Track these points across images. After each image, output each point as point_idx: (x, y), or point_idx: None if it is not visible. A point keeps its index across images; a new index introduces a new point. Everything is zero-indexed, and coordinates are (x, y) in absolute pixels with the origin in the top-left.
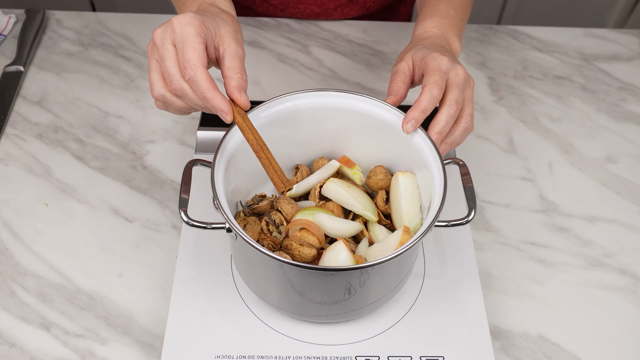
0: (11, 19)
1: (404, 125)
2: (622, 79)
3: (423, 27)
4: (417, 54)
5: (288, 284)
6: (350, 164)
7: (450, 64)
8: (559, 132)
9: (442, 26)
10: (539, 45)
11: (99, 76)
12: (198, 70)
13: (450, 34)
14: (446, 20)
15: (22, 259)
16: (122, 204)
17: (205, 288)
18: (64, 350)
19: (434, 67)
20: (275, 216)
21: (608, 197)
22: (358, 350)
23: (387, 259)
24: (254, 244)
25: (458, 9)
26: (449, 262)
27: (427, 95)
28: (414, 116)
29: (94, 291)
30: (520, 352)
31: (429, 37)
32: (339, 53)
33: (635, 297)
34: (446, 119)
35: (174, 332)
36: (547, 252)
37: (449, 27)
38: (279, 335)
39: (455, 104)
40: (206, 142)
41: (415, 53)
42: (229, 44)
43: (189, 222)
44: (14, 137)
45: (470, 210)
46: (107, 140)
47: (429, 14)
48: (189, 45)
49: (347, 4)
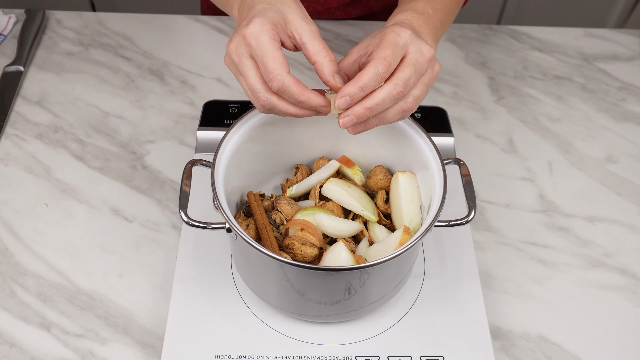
0: (11, 19)
1: (336, 99)
2: (622, 79)
3: (394, 20)
4: (375, 36)
5: (288, 284)
6: (350, 164)
7: (411, 37)
8: (559, 132)
9: (415, 21)
10: (539, 45)
11: (99, 76)
12: (285, 79)
13: (424, 30)
14: (421, 16)
15: (22, 259)
16: (122, 204)
17: (205, 288)
18: (64, 350)
19: (389, 40)
20: (276, 216)
21: (608, 197)
22: (358, 350)
23: (387, 259)
24: (254, 244)
25: (438, 8)
26: (449, 262)
27: (371, 71)
28: (349, 92)
29: (94, 291)
30: (520, 352)
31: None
32: (339, 53)
33: (635, 297)
34: (384, 96)
35: (174, 332)
36: (547, 252)
37: (424, 23)
38: (279, 335)
39: (403, 84)
40: (206, 142)
41: (376, 32)
42: (302, 27)
43: (189, 222)
44: (14, 137)
45: (470, 210)
46: (107, 140)
47: (403, 8)
48: (269, 56)
49: (351, 4)
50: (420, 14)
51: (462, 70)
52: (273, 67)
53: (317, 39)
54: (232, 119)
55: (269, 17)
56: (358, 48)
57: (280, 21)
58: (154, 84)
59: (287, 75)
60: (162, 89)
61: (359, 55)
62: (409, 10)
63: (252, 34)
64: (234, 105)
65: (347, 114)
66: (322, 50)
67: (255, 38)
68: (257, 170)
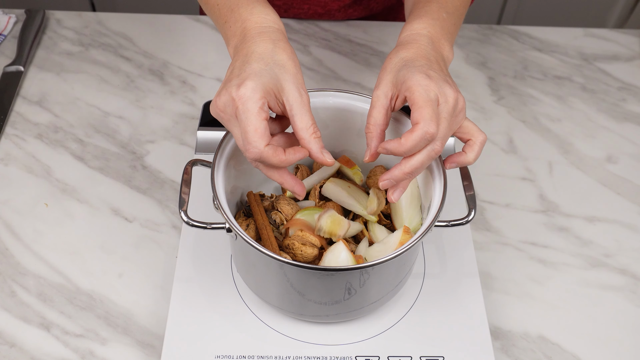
0: (11, 19)
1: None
2: (622, 79)
3: (410, 29)
4: (397, 76)
5: (288, 284)
6: (350, 164)
7: (437, 86)
8: (559, 132)
9: (432, 28)
10: (539, 45)
11: (99, 76)
12: (262, 153)
13: (441, 37)
14: (437, 22)
15: (22, 259)
16: (122, 204)
17: (205, 288)
18: (64, 350)
19: (421, 97)
20: (276, 216)
21: (608, 197)
22: (358, 350)
23: (387, 259)
24: (255, 244)
25: (451, 12)
26: (449, 262)
27: (417, 136)
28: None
29: (94, 291)
30: (520, 352)
31: (412, 42)
32: (339, 53)
33: (635, 297)
34: (422, 160)
35: (174, 332)
36: (547, 252)
37: (440, 29)
38: (279, 335)
39: (440, 145)
40: (206, 142)
41: (396, 75)
42: (294, 98)
43: (189, 222)
44: (14, 137)
45: (470, 210)
46: (107, 140)
47: (419, 14)
48: (251, 127)
49: (351, 5)
50: (436, 19)
51: (462, 70)
52: (253, 139)
53: (306, 113)
54: None
55: (263, 83)
56: (383, 93)
57: (273, 87)
58: (154, 84)
59: (264, 149)
60: (162, 89)
61: (387, 100)
62: (424, 16)
63: (241, 98)
64: None
65: (386, 178)
66: (310, 127)
67: (243, 103)
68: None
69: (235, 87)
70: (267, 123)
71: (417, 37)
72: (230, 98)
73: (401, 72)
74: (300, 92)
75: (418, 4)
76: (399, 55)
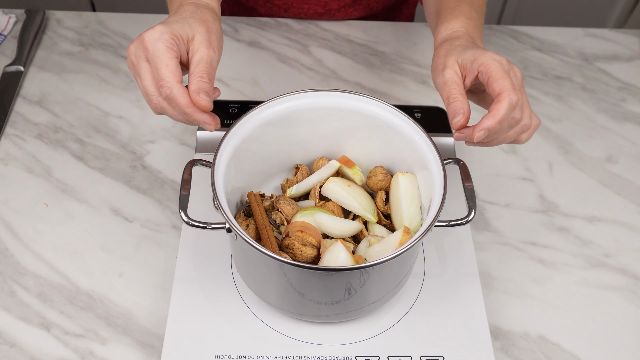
0: (11, 19)
1: (475, 132)
2: (622, 79)
3: (449, 28)
4: (463, 56)
5: (288, 284)
6: (350, 164)
7: (507, 63)
8: (559, 132)
9: (468, 27)
10: (539, 45)
11: (99, 76)
12: (173, 88)
13: (476, 36)
14: (471, 21)
15: (22, 259)
16: (122, 204)
17: (205, 288)
18: (64, 350)
19: (499, 69)
20: (276, 216)
21: (608, 197)
22: (358, 350)
23: (387, 259)
24: (255, 244)
25: (479, 11)
26: (449, 262)
27: (506, 104)
28: (489, 125)
29: (94, 291)
30: (520, 352)
31: (459, 37)
32: (339, 53)
33: (635, 297)
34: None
35: (174, 332)
36: (547, 252)
37: (474, 28)
38: (279, 335)
39: (521, 110)
40: (206, 142)
41: (461, 55)
42: (198, 49)
43: (189, 222)
44: (14, 137)
45: (470, 210)
46: (107, 140)
47: (453, 14)
48: (162, 63)
49: (351, 5)
50: (470, 19)
51: None
52: (164, 75)
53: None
54: (232, 119)
55: (173, 28)
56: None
57: (183, 35)
58: None
59: (176, 85)
60: None
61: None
62: (460, 16)
63: (150, 39)
64: (234, 105)
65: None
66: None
67: (152, 43)
68: (257, 170)
69: (146, 31)
70: (177, 62)
71: (459, 34)
72: (140, 41)
73: (467, 53)
74: (209, 46)
75: (448, 3)
76: (454, 43)
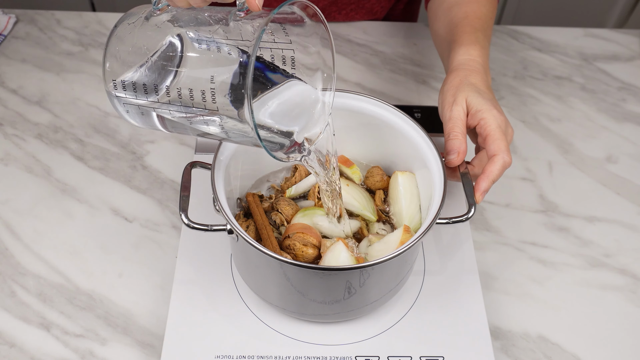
0: (11, 19)
1: (476, 196)
2: (622, 79)
3: (467, 53)
4: (472, 99)
5: (288, 284)
6: (349, 164)
7: (505, 122)
8: (558, 132)
9: (483, 57)
10: (539, 45)
11: (99, 76)
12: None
13: (487, 66)
14: (484, 51)
15: (22, 259)
16: (122, 204)
17: (205, 288)
18: (64, 350)
19: (497, 131)
20: (276, 217)
21: (608, 197)
22: (358, 350)
23: (388, 258)
24: (257, 245)
25: (489, 38)
26: (448, 263)
27: (499, 166)
28: (485, 187)
29: (94, 291)
30: (520, 352)
31: (475, 72)
32: (339, 53)
33: (635, 297)
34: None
35: (174, 332)
36: (547, 252)
37: (486, 57)
38: (279, 335)
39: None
40: (206, 142)
41: (470, 96)
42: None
43: (190, 225)
44: (14, 137)
45: (470, 207)
46: (107, 140)
47: (470, 40)
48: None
49: (354, 9)
50: (484, 48)
51: None
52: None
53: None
54: None
55: None
56: (462, 108)
57: None
58: None
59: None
60: None
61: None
62: (477, 44)
63: None
64: None
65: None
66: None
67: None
68: (257, 171)
69: None
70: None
71: (476, 65)
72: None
73: (476, 100)
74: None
75: (463, 27)
76: (468, 79)
